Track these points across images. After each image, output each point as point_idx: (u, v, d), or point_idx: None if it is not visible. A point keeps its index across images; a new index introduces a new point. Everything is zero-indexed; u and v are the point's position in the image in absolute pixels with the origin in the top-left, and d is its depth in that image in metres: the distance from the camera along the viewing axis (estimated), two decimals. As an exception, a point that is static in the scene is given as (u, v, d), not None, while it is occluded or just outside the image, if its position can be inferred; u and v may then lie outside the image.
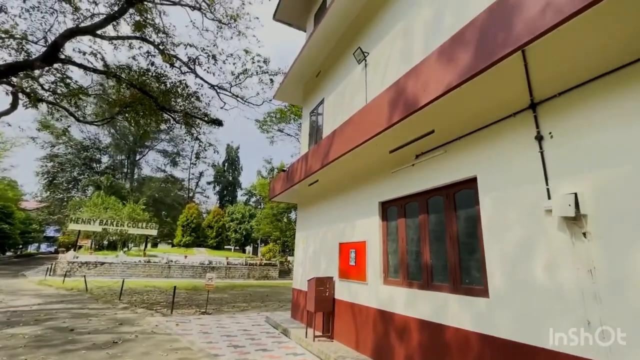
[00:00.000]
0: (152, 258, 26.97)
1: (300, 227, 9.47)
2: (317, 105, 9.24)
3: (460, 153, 4.13)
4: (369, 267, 5.68)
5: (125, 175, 48.72)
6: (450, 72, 3.36)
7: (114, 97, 15.14)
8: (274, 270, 28.87)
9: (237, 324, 8.47)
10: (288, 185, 8.42)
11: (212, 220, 40.15)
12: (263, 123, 28.19)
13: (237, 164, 60.48)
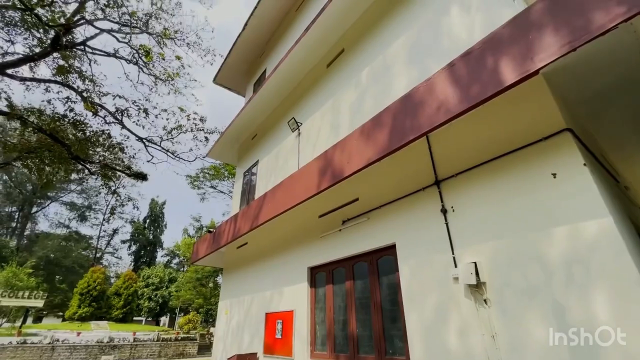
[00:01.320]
0: (30, 337, 21.27)
1: (224, 294, 8.64)
2: (252, 166, 9.30)
3: (382, 220, 4.42)
4: (295, 340, 5.30)
5: (13, 230, 40.28)
6: (369, 148, 3.76)
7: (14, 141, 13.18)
8: (192, 345, 24.97)
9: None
10: (214, 248, 7.85)
11: (122, 287, 34.28)
12: (195, 179, 26.96)
13: (160, 221, 55.00)
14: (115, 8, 11.10)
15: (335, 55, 6.72)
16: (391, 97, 4.44)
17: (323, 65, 7.07)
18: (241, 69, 12.01)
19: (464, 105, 2.86)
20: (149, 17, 11.82)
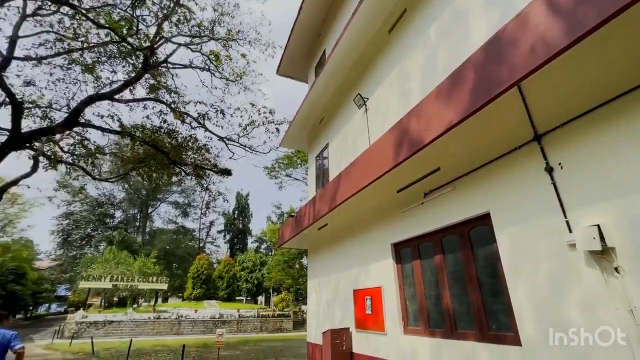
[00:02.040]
0: (162, 314, 26.03)
1: (311, 274, 9.12)
2: (322, 149, 9.43)
3: (470, 188, 4.03)
4: (386, 316, 5.31)
5: (138, 228, 49.12)
6: (449, 110, 3.41)
7: (128, 155, 15.82)
8: (287, 321, 27.39)
9: (249, 386, 7.81)
10: (297, 231, 8.28)
11: (223, 271, 39.22)
12: (271, 170, 28.74)
13: (247, 211, 60.60)
14: (185, 23, 12.18)
15: (397, 18, 6.23)
16: (469, 48, 3.92)
17: (384, 32, 6.64)
18: (301, 55, 12.11)
19: (570, 38, 2.34)
20: (214, 24, 12.68)
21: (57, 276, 43.12)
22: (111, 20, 10.77)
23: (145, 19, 11.31)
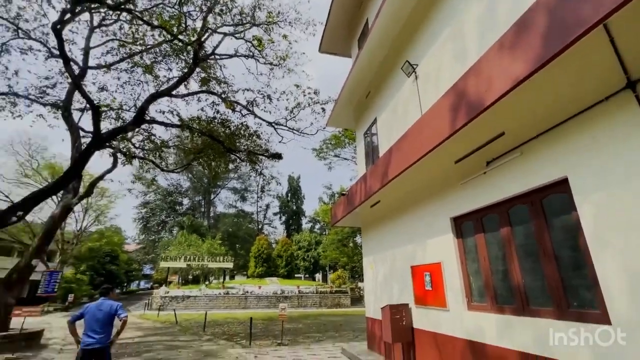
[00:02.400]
0: (230, 290, 28.57)
1: (366, 251, 9.14)
2: (370, 125, 9.15)
3: (542, 153, 3.59)
4: (448, 292, 5.12)
5: (203, 214, 53.76)
6: (516, 63, 3.00)
7: (189, 146, 17.13)
8: (345, 297, 28.19)
9: (313, 356, 8.27)
10: (349, 209, 8.28)
11: (281, 250, 41.43)
12: (319, 151, 28.95)
13: (299, 194, 62.47)
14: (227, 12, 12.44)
15: (447, -30, 5.61)
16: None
17: (433, -11, 6.04)
18: (343, 28, 11.67)
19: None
20: (254, 9, 12.76)
21: (142, 257, 49.56)
22: (162, 19, 11.44)
23: (192, 14, 11.80)
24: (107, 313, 4.55)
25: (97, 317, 4.49)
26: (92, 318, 4.47)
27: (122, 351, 8.98)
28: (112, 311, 4.60)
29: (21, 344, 9.01)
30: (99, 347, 4.39)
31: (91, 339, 4.37)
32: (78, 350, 4.42)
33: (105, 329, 4.52)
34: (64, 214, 11.81)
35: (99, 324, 4.45)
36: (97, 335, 4.41)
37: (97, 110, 11.56)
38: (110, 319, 4.58)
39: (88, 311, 4.54)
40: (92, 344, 4.35)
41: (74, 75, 11.46)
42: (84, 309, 4.60)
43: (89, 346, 4.35)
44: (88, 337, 4.39)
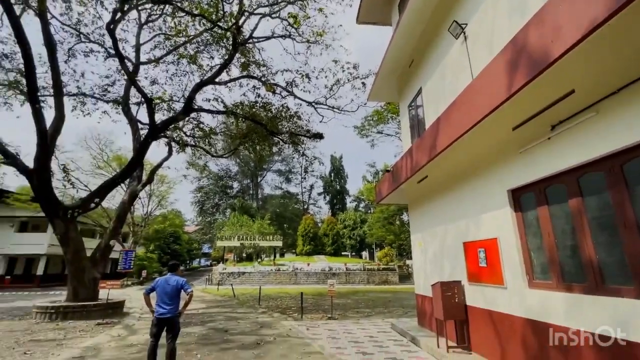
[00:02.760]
0: (280, 267, 30.09)
1: (414, 228, 8.89)
2: (415, 96, 8.64)
3: (623, 111, 3.07)
4: (505, 269, 4.80)
5: (252, 196, 56.49)
6: (592, 6, 2.54)
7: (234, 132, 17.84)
8: (393, 275, 28.16)
9: (362, 330, 8.44)
10: (394, 186, 8.05)
11: (327, 229, 42.26)
12: (361, 129, 28.35)
13: (342, 173, 62.44)
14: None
15: None
16: None
17: None
18: (381, -6, 10.95)
19: None
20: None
21: (201, 237, 53.96)
22: (201, 8, 11.71)
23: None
24: (175, 287, 5.06)
25: (167, 291, 5.02)
26: (163, 291, 5.01)
27: (189, 320, 10.00)
28: (179, 286, 5.11)
29: (108, 312, 10.46)
30: (170, 316, 4.95)
31: (163, 309, 4.93)
32: (153, 318, 4.99)
33: (174, 301, 5.05)
34: (131, 199, 13.15)
35: (168, 296, 4.99)
36: (167, 306, 4.95)
37: (151, 103, 12.43)
38: (177, 292, 5.10)
39: (159, 285, 5.08)
40: (164, 314, 4.92)
41: (128, 71, 12.37)
42: (155, 283, 5.14)
43: (161, 315, 4.91)
44: (160, 307, 4.95)
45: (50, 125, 10.71)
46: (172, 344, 4.93)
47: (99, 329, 8.71)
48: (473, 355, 5.48)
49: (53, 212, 10.45)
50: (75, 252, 10.65)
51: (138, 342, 7.03)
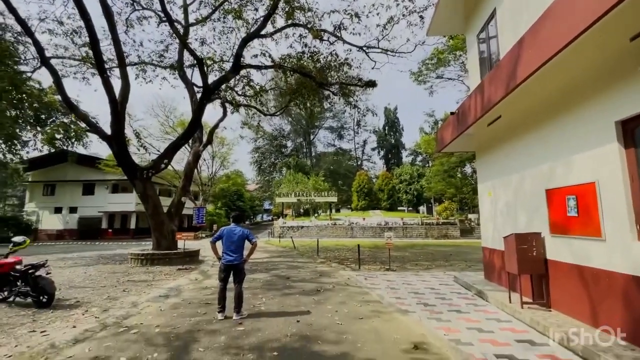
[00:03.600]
0: (337, 221, 30.89)
1: (482, 177, 8.00)
2: (487, 21, 7.23)
3: None
4: (605, 218, 3.98)
5: (305, 154, 57.44)
6: None
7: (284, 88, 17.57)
8: (453, 229, 27.08)
9: (423, 282, 8.24)
10: (460, 131, 7.15)
11: (382, 184, 41.62)
12: (418, 74, 25.85)
13: (397, 126, 59.45)
14: None
15: None
16: None
17: None
18: None
19: None
20: None
21: (261, 195, 57.55)
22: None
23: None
24: (240, 236, 5.32)
25: (233, 239, 5.29)
26: (229, 240, 5.29)
27: (254, 268, 10.83)
28: (244, 235, 5.36)
29: (186, 259, 11.81)
30: (236, 263, 5.26)
31: (230, 257, 5.24)
32: (220, 265, 5.34)
33: (239, 249, 5.33)
34: (195, 159, 14.08)
35: (234, 245, 5.26)
36: (234, 254, 5.25)
37: (202, 64, 12.57)
38: (242, 241, 5.36)
39: (224, 234, 5.35)
40: (232, 261, 5.23)
41: (179, 33, 12.49)
42: (221, 232, 5.41)
43: (229, 262, 5.24)
44: (227, 255, 5.25)
45: (119, 94, 11.54)
46: (239, 287, 5.27)
47: (179, 274, 9.89)
48: (553, 312, 4.92)
49: (132, 174, 11.66)
50: (154, 207, 11.93)
51: (211, 286, 7.78)
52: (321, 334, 4.37)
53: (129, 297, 6.80)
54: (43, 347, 4.01)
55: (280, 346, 3.96)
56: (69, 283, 8.38)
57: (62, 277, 9.21)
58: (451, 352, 3.72)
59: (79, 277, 9.19)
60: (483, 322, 4.93)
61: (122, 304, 6.28)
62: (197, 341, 4.16)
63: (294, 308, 5.76)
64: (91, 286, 7.96)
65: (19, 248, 6.55)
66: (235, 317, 5.10)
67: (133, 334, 4.51)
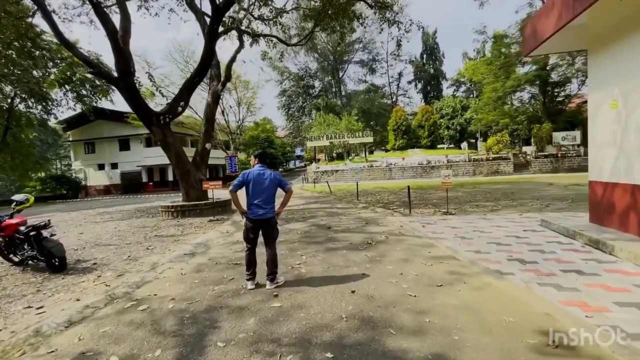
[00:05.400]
0: (373, 163, 29.06)
1: (599, 81, 5.62)
2: None
3: None
4: None
5: (335, 94, 53.70)
6: None
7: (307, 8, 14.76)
8: (506, 164, 24.24)
9: (499, 228, 6.56)
10: (575, 11, 4.72)
11: (422, 120, 38.02)
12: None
13: (436, 53, 52.69)
14: None
15: None
16: None
17: None
18: None
19: None
20: None
21: (292, 141, 56.23)
22: None
23: None
24: (271, 182, 3.95)
25: (263, 187, 3.92)
26: (258, 187, 3.92)
27: (290, 216, 9.73)
28: (277, 181, 4.00)
29: (218, 209, 11.00)
30: (269, 217, 3.94)
31: (260, 210, 3.90)
32: (245, 221, 4.02)
33: (270, 199, 3.97)
34: (215, 100, 12.54)
35: (266, 194, 3.91)
36: (266, 206, 3.91)
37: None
38: (274, 188, 4.00)
39: (250, 179, 3.95)
40: (262, 215, 3.90)
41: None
42: (244, 177, 4.01)
43: (259, 217, 3.91)
44: (256, 207, 3.91)
45: (119, 27, 9.87)
46: (272, 249, 4.01)
47: (210, 226, 9.04)
48: None
49: (148, 120, 10.47)
50: (177, 156, 10.91)
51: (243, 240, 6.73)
52: (391, 316, 3.00)
53: (151, 257, 5.93)
54: (28, 334, 3.05)
55: (334, 340, 2.65)
56: (95, 240, 7.81)
57: (92, 234, 8.74)
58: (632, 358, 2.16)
59: (108, 233, 8.65)
60: (635, 291, 3.27)
61: (142, 265, 5.39)
62: (216, 327, 2.98)
63: (343, 270, 4.44)
64: (116, 243, 7.28)
65: (23, 207, 5.73)
66: (269, 286, 3.91)
67: (141, 311, 3.46)
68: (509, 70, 24.78)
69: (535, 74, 23.77)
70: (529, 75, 24.05)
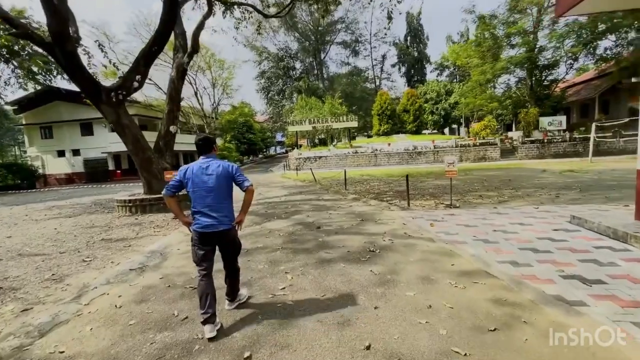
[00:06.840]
0: (358, 149, 27.86)
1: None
2: None
3: None
4: None
5: (317, 76, 51.53)
6: None
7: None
8: (493, 149, 23.70)
9: (520, 225, 5.50)
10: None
11: (407, 104, 36.88)
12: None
13: (420, 35, 51.38)
14: None
15: None
16: None
17: None
18: None
19: None
20: None
21: (272, 126, 54.00)
22: None
23: None
24: (221, 178, 2.64)
25: (209, 186, 2.61)
26: (202, 187, 2.62)
27: (270, 211, 8.36)
28: (228, 175, 2.67)
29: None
30: (223, 229, 2.65)
31: (208, 219, 2.63)
32: (192, 235, 2.68)
33: (225, 202, 2.68)
34: (180, 75, 10.74)
35: (214, 196, 2.63)
36: (215, 212, 2.64)
37: None
38: (228, 187, 2.69)
39: (190, 177, 2.60)
40: (213, 226, 2.62)
41: None
42: (182, 173, 2.63)
43: (207, 228, 2.63)
44: (203, 215, 2.63)
45: (54, -21, 7.81)
46: (232, 266, 2.90)
47: (174, 225, 7.56)
48: None
49: (95, 96, 8.62)
50: (134, 141, 9.18)
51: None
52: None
53: (84, 274, 4.45)
54: None
55: None
56: (22, 247, 6.17)
57: (21, 238, 7.05)
58: None
59: (43, 237, 6.98)
60: None
61: (66, 290, 3.92)
62: None
63: (345, 300, 3.16)
64: (47, 252, 5.68)
65: None
66: (229, 307, 2.85)
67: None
68: (498, 52, 23.96)
69: (525, 55, 23.01)
70: (520, 57, 23.29)
